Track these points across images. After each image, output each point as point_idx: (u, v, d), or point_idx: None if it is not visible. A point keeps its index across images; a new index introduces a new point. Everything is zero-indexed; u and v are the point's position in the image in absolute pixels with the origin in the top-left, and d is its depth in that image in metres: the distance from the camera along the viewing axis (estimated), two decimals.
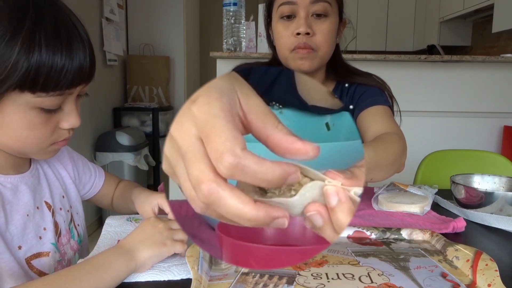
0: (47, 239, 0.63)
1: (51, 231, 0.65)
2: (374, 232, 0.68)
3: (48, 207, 0.66)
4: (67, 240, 0.69)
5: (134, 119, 3.11)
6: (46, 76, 0.52)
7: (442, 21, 4.24)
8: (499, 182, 0.92)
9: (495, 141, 2.19)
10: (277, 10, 0.94)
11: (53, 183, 0.71)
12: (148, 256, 0.54)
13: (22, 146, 0.58)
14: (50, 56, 0.51)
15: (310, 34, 0.90)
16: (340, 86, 1.03)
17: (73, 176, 0.77)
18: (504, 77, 2.12)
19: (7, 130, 0.55)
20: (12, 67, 0.50)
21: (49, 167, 0.72)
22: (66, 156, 0.77)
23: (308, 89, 0.57)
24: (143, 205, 0.73)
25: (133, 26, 3.46)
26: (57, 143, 0.61)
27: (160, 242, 0.56)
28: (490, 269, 0.51)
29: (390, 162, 0.75)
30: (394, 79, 1.09)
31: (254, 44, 2.15)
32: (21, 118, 0.54)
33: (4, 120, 0.54)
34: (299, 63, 0.92)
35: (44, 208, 0.65)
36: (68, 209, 0.72)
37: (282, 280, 0.50)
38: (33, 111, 0.55)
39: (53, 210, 0.67)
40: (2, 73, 0.50)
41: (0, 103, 0.53)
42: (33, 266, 0.60)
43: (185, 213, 0.71)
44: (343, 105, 0.43)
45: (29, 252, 0.60)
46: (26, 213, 0.61)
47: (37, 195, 0.65)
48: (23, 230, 0.60)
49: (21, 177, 0.64)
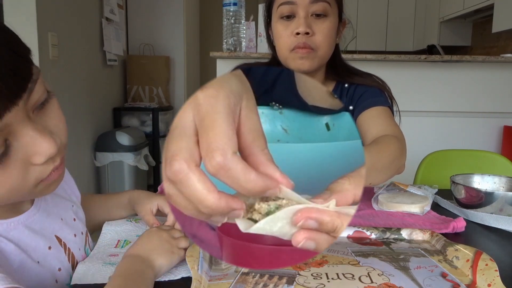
0: (63, 280, 0.56)
1: (67, 269, 0.57)
2: (374, 232, 0.68)
3: (59, 241, 0.57)
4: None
5: (134, 119, 3.11)
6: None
7: (442, 21, 4.24)
8: (499, 182, 0.92)
9: (495, 141, 2.19)
10: (276, 10, 0.94)
11: (63, 207, 0.61)
12: (163, 264, 0.54)
13: (6, 199, 0.44)
14: None
15: (310, 34, 0.90)
16: (340, 86, 1.03)
17: (76, 189, 0.70)
18: (504, 77, 2.12)
19: None
20: None
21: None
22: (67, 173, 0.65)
23: (308, 89, 0.57)
24: (143, 205, 0.73)
25: (133, 26, 3.45)
26: (47, 179, 0.46)
27: (169, 251, 0.56)
28: (490, 269, 0.51)
29: (386, 165, 0.75)
30: (394, 79, 1.09)
31: (254, 44, 2.15)
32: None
33: None
34: (299, 62, 0.92)
35: (55, 246, 0.56)
36: (82, 231, 0.64)
37: (282, 280, 0.50)
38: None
39: (64, 244, 0.58)
40: None
41: None
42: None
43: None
44: (343, 105, 0.43)
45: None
46: (37, 260, 0.52)
47: (45, 233, 0.55)
48: (38, 277, 0.51)
49: (24, 218, 0.53)
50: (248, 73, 0.40)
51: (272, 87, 0.62)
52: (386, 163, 0.75)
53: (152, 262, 0.53)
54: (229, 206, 0.26)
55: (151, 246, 0.55)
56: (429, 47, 4.16)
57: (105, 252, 0.64)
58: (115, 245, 0.67)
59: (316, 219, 0.28)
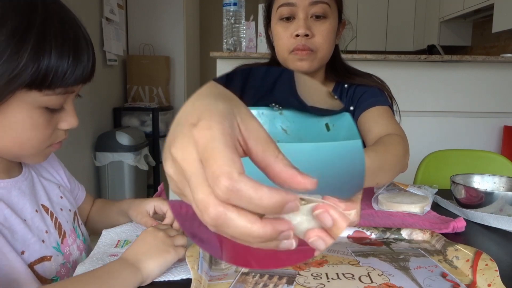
0: (49, 243, 0.62)
1: (54, 234, 0.64)
2: (374, 232, 0.68)
3: (46, 210, 0.65)
4: (73, 240, 0.68)
5: (134, 119, 3.11)
6: (54, 75, 0.52)
7: (442, 21, 4.24)
8: (499, 182, 0.92)
9: (495, 141, 2.19)
10: (276, 11, 0.94)
11: (48, 185, 0.69)
12: (153, 266, 0.53)
13: (21, 148, 0.57)
14: (58, 55, 0.52)
15: (309, 35, 0.90)
16: (340, 86, 1.03)
17: (66, 180, 0.76)
18: (504, 77, 2.12)
19: (9, 131, 0.55)
20: (23, 66, 0.50)
21: (41, 170, 0.71)
22: (56, 161, 0.76)
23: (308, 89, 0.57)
24: (138, 208, 0.73)
25: (133, 26, 3.45)
26: (53, 146, 0.61)
27: (164, 250, 0.55)
28: (490, 269, 0.51)
29: (393, 164, 0.75)
30: (394, 79, 1.09)
31: (254, 44, 2.15)
32: (25, 118, 0.54)
33: (9, 121, 0.54)
34: (298, 64, 0.92)
35: (42, 211, 0.64)
36: (70, 209, 0.71)
37: (282, 280, 0.50)
38: (37, 111, 0.55)
39: (51, 212, 0.65)
40: (13, 71, 0.50)
41: (7, 103, 0.53)
42: (36, 272, 0.59)
43: (185, 212, 0.71)
44: (343, 106, 0.43)
45: (32, 257, 0.59)
46: (23, 218, 0.60)
47: (32, 198, 0.63)
48: (24, 235, 0.59)
49: (14, 181, 0.62)
50: (248, 74, 0.40)
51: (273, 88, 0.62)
52: (393, 162, 0.75)
53: (140, 265, 0.53)
54: (276, 229, 0.26)
55: (143, 249, 0.55)
56: (429, 47, 4.16)
57: (105, 252, 0.64)
58: (115, 245, 0.67)
59: (333, 218, 0.29)
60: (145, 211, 0.72)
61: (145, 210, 0.72)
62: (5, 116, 0.54)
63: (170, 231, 0.60)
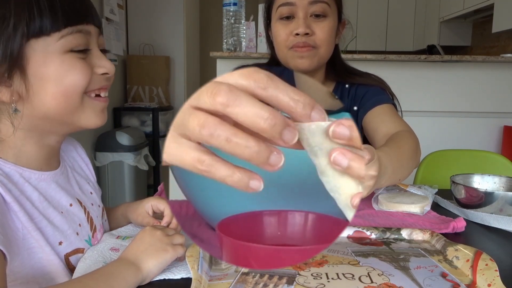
0: (82, 236, 0.63)
1: (86, 227, 0.65)
2: (374, 232, 0.68)
3: (80, 204, 0.66)
4: (101, 235, 0.69)
5: (134, 119, 3.11)
6: (47, 17, 0.53)
7: (442, 21, 4.24)
8: (499, 182, 0.92)
9: (495, 141, 2.19)
10: (276, 11, 0.94)
11: (80, 180, 0.70)
12: (153, 265, 0.53)
13: (66, 98, 0.56)
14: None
15: (309, 34, 0.90)
16: (340, 86, 1.03)
17: (94, 175, 0.77)
18: (504, 77, 2.12)
19: (48, 84, 0.55)
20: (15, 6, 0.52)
21: (74, 165, 0.72)
22: (87, 156, 0.77)
23: (308, 89, 0.57)
24: (136, 211, 0.74)
25: (133, 26, 3.45)
26: (101, 99, 0.61)
27: (162, 249, 0.55)
28: (490, 269, 0.51)
29: (409, 158, 0.75)
30: (394, 79, 1.09)
31: (254, 44, 2.15)
32: (60, 64, 0.55)
33: (46, 73, 0.54)
34: (298, 61, 0.92)
35: (76, 204, 0.65)
36: (99, 204, 0.72)
37: (282, 280, 0.50)
38: (67, 55, 0.55)
39: (84, 206, 0.66)
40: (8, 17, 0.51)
41: (29, 58, 0.53)
42: (70, 263, 0.60)
43: (185, 213, 0.71)
44: (343, 106, 0.43)
45: (69, 248, 0.60)
46: (60, 211, 0.61)
47: (68, 192, 0.64)
48: (61, 225, 0.59)
49: (53, 174, 0.62)
50: None
51: None
52: (409, 157, 0.75)
53: (140, 264, 0.53)
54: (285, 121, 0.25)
55: (141, 248, 0.55)
56: (429, 47, 4.16)
57: (106, 243, 0.65)
58: (116, 237, 0.69)
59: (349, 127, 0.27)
60: (145, 212, 0.72)
61: (144, 211, 0.73)
62: (37, 72, 0.54)
63: (168, 230, 0.60)
